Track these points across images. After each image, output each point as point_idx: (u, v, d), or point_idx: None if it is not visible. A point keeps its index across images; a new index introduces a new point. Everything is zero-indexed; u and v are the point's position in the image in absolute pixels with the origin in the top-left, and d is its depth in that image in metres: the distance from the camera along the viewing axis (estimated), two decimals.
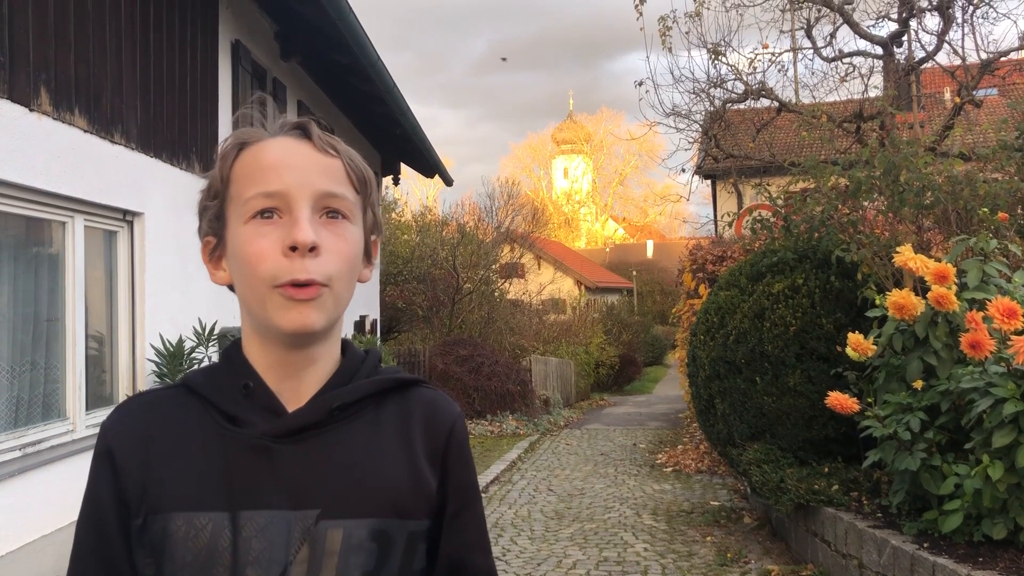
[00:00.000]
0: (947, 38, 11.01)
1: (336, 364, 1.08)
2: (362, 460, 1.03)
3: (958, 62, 11.16)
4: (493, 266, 18.39)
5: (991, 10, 11.28)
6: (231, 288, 1.08)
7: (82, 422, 5.18)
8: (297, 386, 1.05)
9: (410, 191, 38.31)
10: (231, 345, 1.10)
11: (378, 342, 12.06)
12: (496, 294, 18.35)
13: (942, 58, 11.55)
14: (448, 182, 14.98)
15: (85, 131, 5.05)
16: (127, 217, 5.75)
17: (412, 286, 16.97)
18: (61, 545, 4.63)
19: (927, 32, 11.75)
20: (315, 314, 0.99)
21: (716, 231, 15.79)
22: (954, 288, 4.54)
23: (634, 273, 38.92)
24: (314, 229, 0.99)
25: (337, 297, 1.02)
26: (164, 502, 1.00)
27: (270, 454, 1.01)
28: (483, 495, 8.26)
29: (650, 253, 44.89)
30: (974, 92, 10.78)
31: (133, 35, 5.62)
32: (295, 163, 1.02)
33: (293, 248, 0.97)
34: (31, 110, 4.53)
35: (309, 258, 0.98)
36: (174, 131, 6.20)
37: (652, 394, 21.01)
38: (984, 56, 10.91)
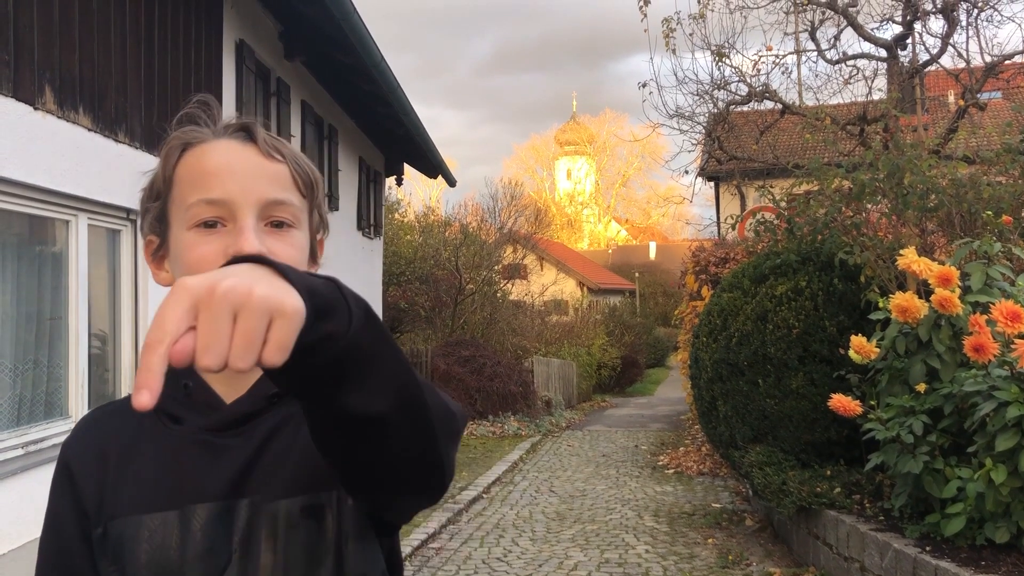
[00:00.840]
0: (951, 41, 11.01)
1: None
2: (294, 441, 1.03)
3: (962, 65, 11.15)
4: (496, 267, 18.38)
5: (996, 13, 11.25)
6: None
7: None
8: (235, 381, 1.05)
9: (413, 191, 38.42)
10: None
11: None
12: (499, 295, 18.34)
13: (946, 61, 11.56)
14: (451, 183, 14.99)
15: (89, 130, 5.06)
16: (131, 216, 5.75)
17: (415, 286, 16.97)
18: None
19: (931, 35, 11.75)
20: None
21: (719, 233, 15.78)
22: (958, 291, 4.53)
23: (636, 275, 38.91)
24: (259, 238, 0.98)
25: None
26: (121, 508, 1.01)
27: (213, 448, 1.02)
28: (484, 496, 8.26)
29: (653, 255, 44.88)
30: (978, 95, 10.77)
31: (137, 34, 5.62)
32: (239, 168, 1.00)
33: None
34: (35, 108, 4.53)
35: None
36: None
37: (654, 396, 21.00)
38: (988, 59, 10.91)
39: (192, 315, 0.65)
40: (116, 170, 5.39)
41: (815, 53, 12.25)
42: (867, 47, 12.16)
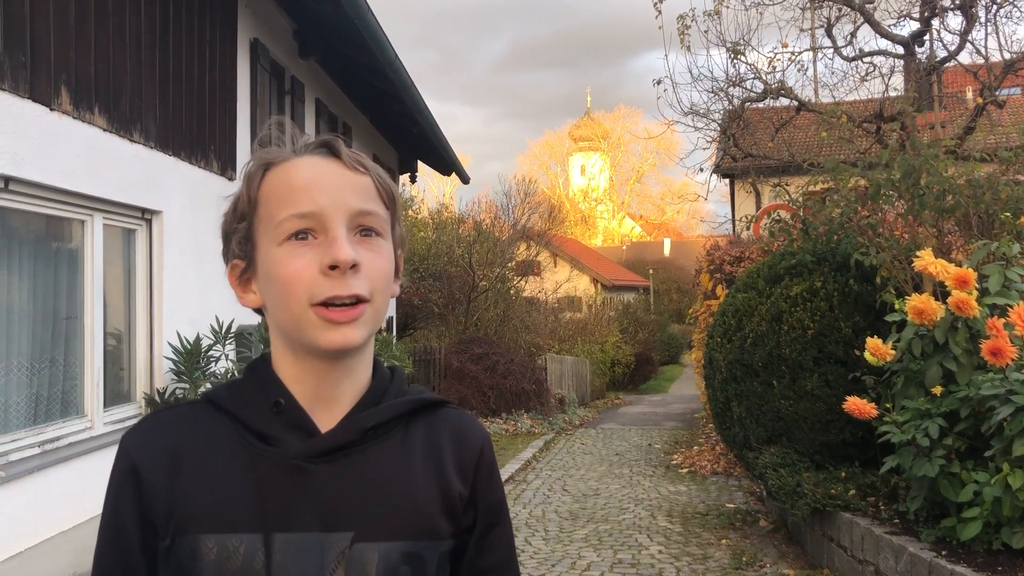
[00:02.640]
0: (970, 37, 10.90)
1: (368, 381, 1.07)
2: (394, 481, 1.02)
3: (980, 61, 11.04)
4: (509, 264, 18.38)
5: (1015, 10, 11.14)
6: (259, 311, 1.07)
7: (100, 419, 5.21)
8: (329, 405, 1.03)
9: (427, 188, 38.37)
10: (258, 360, 1.08)
11: (394, 339, 12.08)
12: (512, 292, 18.34)
13: (964, 58, 11.44)
14: (465, 180, 14.99)
15: (104, 130, 5.08)
16: (145, 215, 5.78)
17: (428, 283, 16.99)
18: (80, 541, 4.67)
19: (949, 32, 11.64)
20: (356, 332, 0.98)
21: (734, 230, 15.71)
22: (975, 293, 4.49)
23: (651, 271, 38.82)
24: (351, 247, 0.98)
25: (377, 310, 1.01)
26: (194, 523, 0.97)
27: (305, 474, 0.99)
28: None
29: (667, 251, 44.77)
30: (997, 92, 10.66)
31: (152, 34, 5.64)
32: (327, 182, 1.00)
33: (332, 267, 0.96)
34: (52, 110, 4.56)
35: (350, 275, 0.97)
36: (192, 130, 6.23)
37: (668, 393, 20.95)
38: (1007, 56, 10.79)
39: None
40: (131, 170, 5.42)
41: (831, 50, 12.16)
42: (884, 44, 12.05)
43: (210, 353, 5.78)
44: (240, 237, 1.04)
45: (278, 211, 1.00)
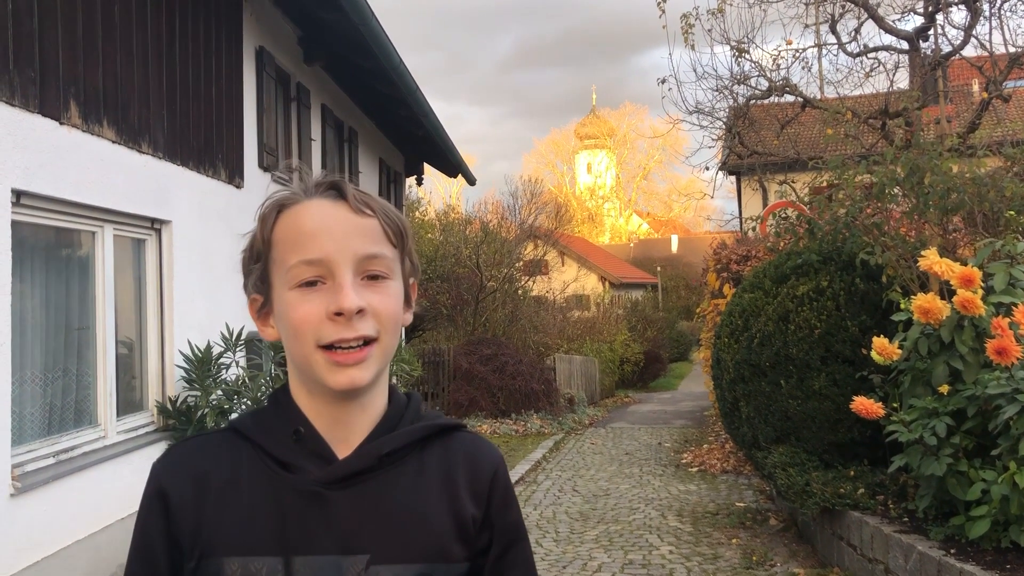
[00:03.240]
0: (974, 32, 10.88)
1: (383, 409, 1.11)
2: (409, 505, 1.06)
3: (985, 55, 11.01)
4: (517, 264, 18.41)
5: (1020, 3, 11.11)
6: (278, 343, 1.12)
7: (113, 428, 5.26)
8: (346, 433, 1.07)
9: (433, 189, 38.46)
10: (279, 389, 1.13)
11: (402, 342, 12.12)
12: (520, 292, 18.36)
13: (969, 52, 11.41)
14: (471, 182, 15.02)
15: (113, 142, 5.13)
16: (155, 225, 5.83)
17: (436, 285, 17.03)
18: (95, 550, 4.72)
19: (954, 26, 11.61)
20: (363, 372, 1.03)
21: (741, 228, 15.70)
22: (980, 292, 4.50)
23: (658, 268, 38.80)
24: (357, 292, 1.02)
25: (385, 349, 1.06)
26: (218, 546, 1.02)
27: (323, 500, 1.03)
28: None
29: (675, 248, 44.73)
30: (1003, 86, 10.64)
31: (159, 46, 5.69)
32: (333, 228, 1.04)
33: (338, 314, 1.01)
34: (61, 124, 4.61)
35: (356, 319, 1.01)
36: (200, 139, 6.28)
37: (677, 391, 20.95)
38: (1013, 50, 10.76)
39: None
40: (140, 180, 5.47)
41: (835, 46, 12.15)
42: (888, 39, 12.03)
43: (221, 361, 5.83)
44: (256, 278, 1.09)
45: (289, 256, 1.04)
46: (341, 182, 1.08)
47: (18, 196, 4.33)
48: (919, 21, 11.75)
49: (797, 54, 12.22)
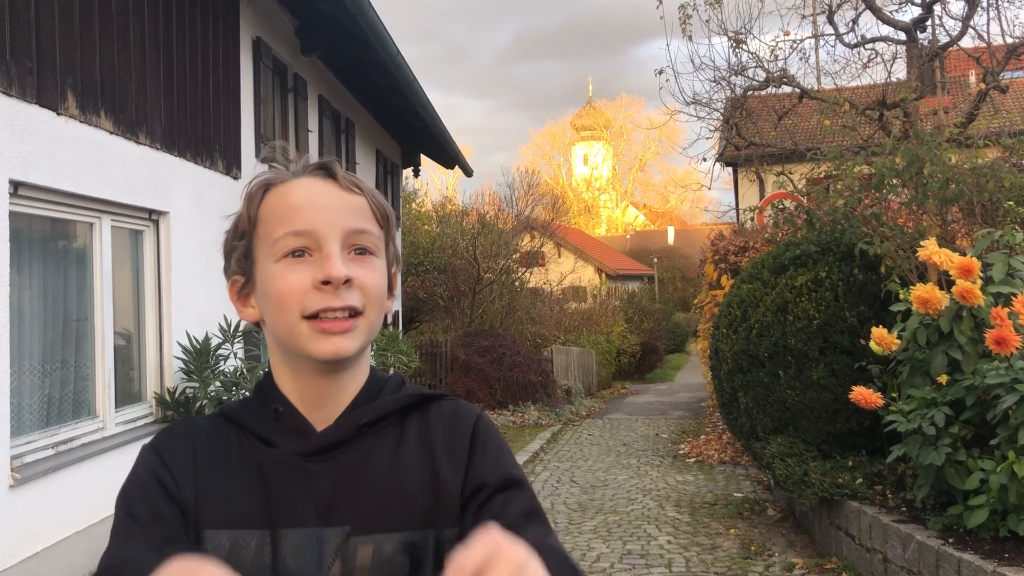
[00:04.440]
0: (972, 22, 10.87)
1: (362, 385, 1.11)
2: (388, 475, 1.05)
3: (983, 46, 11.01)
4: (513, 255, 18.40)
5: None
6: (258, 326, 1.11)
7: (111, 420, 5.26)
8: (328, 411, 1.08)
9: (430, 180, 38.39)
10: (263, 377, 1.14)
11: (400, 333, 12.12)
12: (517, 284, 18.37)
13: (967, 42, 11.41)
14: (468, 173, 15.01)
15: (111, 133, 5.12)
16: (153, 216, 5.82)
17: (433, 276, 17.03)
18: (94, 541, 4.72)
19: (951, 17, 11.61)
20: (348, 342, 1.03)
21: (738, 219, 15.71)
22: (979, 282, 4.50)
23: (655, 260, 38.83)
24: (344, 264, 1.02)
25: (370, 323, 1.05)
26: (212, 518, 1.03)
27: (303, 472, 1.04)
28: None
29: (671, 239, 44.75)
30: (1000, 77, 10.64)
31: (156, 36, 5.67)
32: (323, 202, 1.04)
33: (326, 283, 1.01)
34: (58, 114, 4.59)
35: (343, 290, 1.01)
36: (198, 130, 6.26)
37: (674, 382, 20.98)
38: (1010, 40, 10.76)
39: None
40: (138, 171, 5.45)
41: (833, 37, 12.14)
42: (886, 30, 12.03)
43: (219, 352, 5.82)
44: (240, 254, 1.10)
45: (276, 229, 1.04)
46: (331, 162, 1.08)
47: (16, 187, 4.31)
48: (917, 12, 11.75)
49: (795, 45, 12.22)
